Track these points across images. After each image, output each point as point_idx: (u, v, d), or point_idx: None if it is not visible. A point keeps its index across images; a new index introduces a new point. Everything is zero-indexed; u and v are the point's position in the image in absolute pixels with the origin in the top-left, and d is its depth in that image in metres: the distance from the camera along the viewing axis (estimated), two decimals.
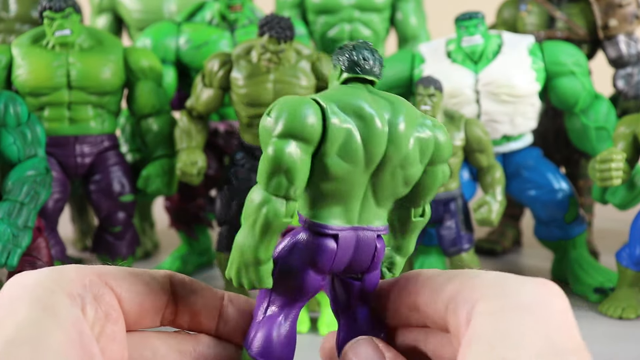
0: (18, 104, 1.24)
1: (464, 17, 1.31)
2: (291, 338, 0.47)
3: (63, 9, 1.26)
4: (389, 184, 0.44)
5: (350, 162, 0.42)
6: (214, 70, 1.28)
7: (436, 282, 0.44)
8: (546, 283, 0.39)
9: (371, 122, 0.42)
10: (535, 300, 0.38)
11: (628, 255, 1.23)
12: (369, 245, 0.45)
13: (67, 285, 0.42)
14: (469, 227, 1.28)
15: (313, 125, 0.41)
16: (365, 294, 0.48)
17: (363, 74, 0.43)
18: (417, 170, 0.44)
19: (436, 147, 0.44)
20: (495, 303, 0.38)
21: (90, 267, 0.44)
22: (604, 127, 1.35)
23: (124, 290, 0.45)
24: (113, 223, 1.35)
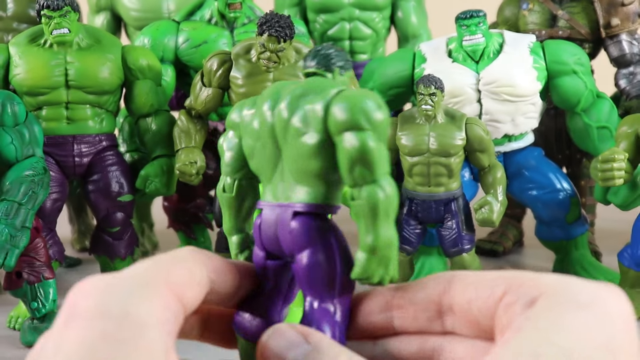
0: (16, 104, 1.23)
1: (465, 16, 1.30)
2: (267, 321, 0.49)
3: (61, 8, 1.25)
4: (292, 158, 0.46)
5: (252, 140, 0.49)
6: (213, 70, 1.27)
7: (482, 281, 0.42)
8: (610, 286, 0.39)
9: (260, 105, 0.49)
10: (598, 300, 0.37)
11: (630, 256, 1.23)
12: (284, 222, 0.46)
13: (154, 311, 0.39)
14: (470, 227, 1.27)
15: (232, 119, 0.52)
16: (299, 280, 0.47)
17: (304, 69, 0.51)
18: (307, 140, 0.45)
19: (329, 116, 0.44)
20: (556, 299, 0.37)
21: (164, 280, 0.41)
22: (606, 127, 1.34)
23: (186, 296, 0.43)
24: (111, 223, 1.35)
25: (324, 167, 0.45)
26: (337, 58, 0.50)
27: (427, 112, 1.20)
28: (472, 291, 0.42)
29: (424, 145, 1.22)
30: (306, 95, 0.46)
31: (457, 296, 0.42)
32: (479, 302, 0.41)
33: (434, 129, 1.22)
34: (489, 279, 0.41)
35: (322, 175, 0.46)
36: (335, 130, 0.44)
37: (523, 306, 0.38)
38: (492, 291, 0.40)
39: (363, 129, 0.43)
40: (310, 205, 0.46)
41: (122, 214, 1.35)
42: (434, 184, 1.23)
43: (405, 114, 1.27)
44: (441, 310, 0.43)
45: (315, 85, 0.47)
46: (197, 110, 1.31)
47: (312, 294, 0.46)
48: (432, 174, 1.23)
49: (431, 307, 0.44)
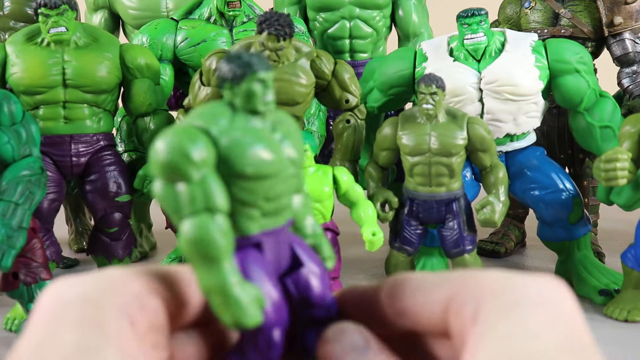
0: (12, 103, 1.21)
1: (466, 14, 1.29)
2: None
3: (58, 6, 1.24)
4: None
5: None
6: (212, 68, 1.25)
7: (429, 284, 0.41)
8: (552, 279, 0.38)
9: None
10: (545, 296, 0.37)
11: (633, 257, 1.21)
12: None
13: (115, 298, 0.38)
14: (471, 227, 1.26)
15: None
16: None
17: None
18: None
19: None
20: (504, 299, 0.37)
21: (135, 273, 0.39)
22: (609, 126, 1.33)
23: (170, 296, 0.40)
24: (109, 224, 1.33)
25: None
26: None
27: (428, 112, 1.19)
28: (419, 297, 0.41)
29: (425, 145, 1.20)
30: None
31: (408, 302, 0.41)
32: (427, 307, 0.40)
33: (435, 128, 1.20)
34: (432, 283, 0.40)
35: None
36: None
37: (471, 313, 0.37)
38: (437, 296, 0.40)
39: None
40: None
41: (120, 215, 1.34)
42: (435, 184, 1.22)
43: (406, 113, 1.26)
44: (397, 314, 0.42)
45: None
46: None
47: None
48: (433, 174, 1.21)
49: (390, 312, 0.43)
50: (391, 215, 1.27)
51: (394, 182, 1.39)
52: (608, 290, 1.30)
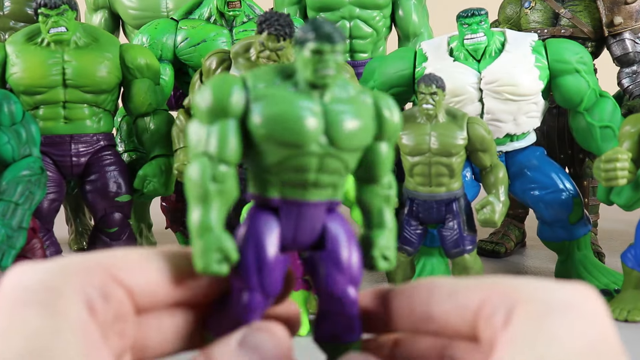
0: (12, 103, 1.21)
1: (466, 14, 1.29)
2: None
3: (58, 6, 1.24)
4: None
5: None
6: (212, 68, 1.25)
7: (460, 290, 0.42)
8: (583, 287, 0.39)
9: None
10: (575, 303, 0.38)
11: (633, 257, 1.21)
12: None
13: (74, 285, 0.38)
14: (471, 228, 1.25)
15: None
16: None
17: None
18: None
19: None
20: (535, 306, 0.38)
21: (96, 260, 0.40)
22: (609, 126, 1.33)
23: (135, 283, 0.41)
24: (109, 224, 1.33)
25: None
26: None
27: (428, 112, 1.19)
28: (448, 303, 0.41)
29: (425, 145, 1.20)
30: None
31: (436, 307, 0.42)
32: (456, 314, 0.41)
33: (435, 128, 1.20)
34: (463, 290, 0.41)
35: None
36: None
37: (502, 318, 0.38)
38: (468, 303, 0.41)
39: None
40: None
41: (120, 215, 1.34)
42: (435, 184, 1.22)
43: (406, 113, 1.26)
44: (422, 318, 0.43)
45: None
46: None
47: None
48: (433, 174, 1.21)
49: (413, 316, 0.44)
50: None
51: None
52: (608, 290, 1.30)
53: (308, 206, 0.45)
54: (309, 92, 0.43)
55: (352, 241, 0.46)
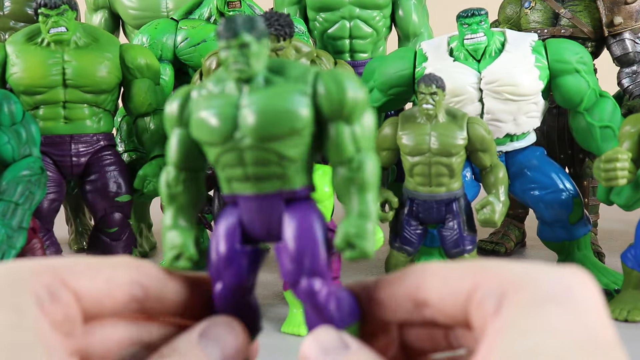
0: (12, 103, 1.21)
1: (466, 14, 1.29)
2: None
3: (58, 6, 1.24)
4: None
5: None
6: (212, 68, 1.25)
7: (451, 275, 0.41)
8: (577, 271, 0.38)
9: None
10: (568, 290, 0.37)
11: (633, 257, 1.21)
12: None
13: (25, 284, 0.40)
14: (471, 227, 1.25)
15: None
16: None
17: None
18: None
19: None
20: (527, 293, 0.37)
21: (46, 264, 0.42)
22: (609, 126, 1.33)
23: (83, 287, 0.42)
24: (109, 224, 1.33)
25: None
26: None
27: (428, 112, 1.19)
28: (442, 287, 0.41)
29: (425, 145, 1.20)
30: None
31: (430, 291, 0.42)
32: (450, 298, 0.40)
33: (435, 128, 1.20)
34: (457, 274, 0.40)
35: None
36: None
37: (493, 306, 0.37)
38: (461, 286, 0.40)
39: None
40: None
41: (120, 215, 1.34)
42: (435, 184, 1.22)
43: (406, 114, 1.26)
44: (418, 304, 0.43)
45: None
46: None
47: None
48: (433, 174, 1.21)
49: (408, 302, 0.44)
50: (391, 215, 1.27)
51: (394, 182, 1.39)
52: (608, 290, 1.30)
53: (257, 199, 0.45)
54: (236, 88, 0.44)
55: (313, 229, 0.45)
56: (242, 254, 0.46)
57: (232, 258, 0.46)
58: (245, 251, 0.46)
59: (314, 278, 0.44)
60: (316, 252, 0.45)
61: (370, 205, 0.46)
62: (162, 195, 0.46)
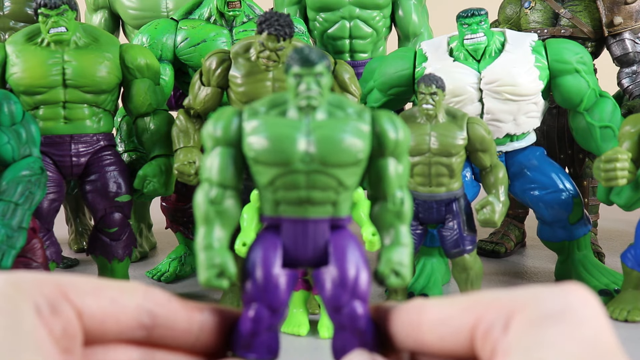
0: (12, 103, 1.21)
1: (466, 14, 1.29)
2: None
3: (58, 6, 1.24)
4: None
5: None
6: (212, 69, 1.25)
7: (450, 313, 0.42)
8: (578, 289, 0.39)
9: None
10: (571, 307, 0.39)
11: (633, 257, 1.21)
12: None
13: (25, 293, 0.40)
14: (471, 228, 1.25)
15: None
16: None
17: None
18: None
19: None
20: (530, 312, 0.39)
21: (50, 277, 0.42)
22: (608, 126, 1.33)
23: (86, 305, 0.42)
24: (109, 224, 1.33)
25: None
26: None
27: (428, 112, 1.19)
28: (441, 327, 0.42)
29: (425, 145, 1.20)
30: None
31: (428, 333, 0.42)
32: (451, 338, 0.41)
33: (435, 128, 1.20)
34: (457, 311, 0.42)
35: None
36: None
37: (500, 331, 0.39)
38: (462, 324, 0.41)
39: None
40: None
41: (120, 215, 1.34)
42: (435, 184, 1.22)
43: (406, 114, 1.26)
44: (417, 344, 0.44)
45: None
46: (196, 110, 1.30)
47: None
48: (433, 174, 1.21)
49: (409, 341, 0.45)
50: None
51: None
52: (608, 291, 1.30)
53: (307, 223, 0.47)
54: (298, 115, 0.47)
55: (357, 257, 0.47)
56: (283, 277, 0.47)
57: (273, 281, 0.47)
58: (286, 275, 0.47)
59: (358, 303, 0.47)
60: (362, 280, 0.47)
61: (407, 236, 0.51)
62: (199, 213, 0.46)
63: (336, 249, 0.48)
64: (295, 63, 0.46)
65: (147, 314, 0.44)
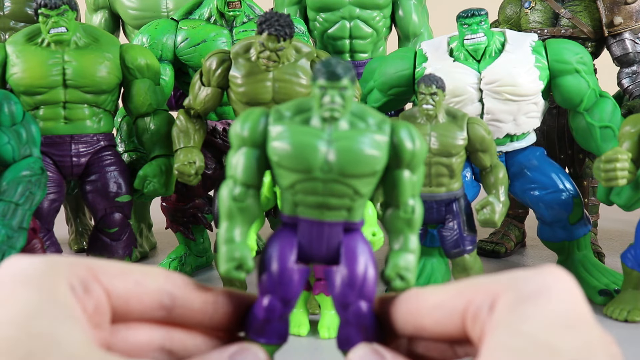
0: (13, 103, 1.21)
1: (466, 14, 1.29)
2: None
3: (58, 7, 1.24)
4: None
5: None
6: (212, 69, 1.25)
7: (443, 299, 0.48)
8: (554, 271, 0.46)
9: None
10: (546, 287, 0.45)
11: (633, 257, 1.21)
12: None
13: (60, 273, 0.45)
14: (471, 228, 1.26)
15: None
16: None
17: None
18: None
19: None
20: (512, 293, 0.45)
21: (82, 261, 0.46)
22: (609, 126, 1.33)
23: (113, 286, 0.47)
24: (109, 224, 1.33)
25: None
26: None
27: (428, 112, 1.19)
28: (435, 312, 0.48)
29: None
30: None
31: (425, 317, 0.48)
32: (445, 320, 0.47)
33: (435, 128, 1.20)
34: (449, 296, 0.47)
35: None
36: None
37: (487, 312, 0.45)
38: (454, 307, 0.47)
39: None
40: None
41: (120, 215, 1.34)
42: (435, 184, 1.22)
43: (406, 114, 1.26)
44: (416, 329, 0.49)
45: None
46: (196, 110, 1.30)
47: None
48: (433, 174, 1.21)
49: (409, 326, 0.50)
50: None
51: None
52: (608, 291, 1.30)
53: (322, 225, 0.51)
54: (321, 124, 0.50)
55: (367, 259, 0.51)
56: (296, 272, 0.51)
57: (287, 275, 0.51)
58: (300, 269, 0.51)
59: (364, 302, 0.51)
60: (369, 279, 0.51)
61: (416, 242, 0.54)
62: (223, 209, 0.50)
63: (347, 251, 0.52)
64: (321, 76, 0.49)
65: (167, 295, 0.49)
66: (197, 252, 1.51)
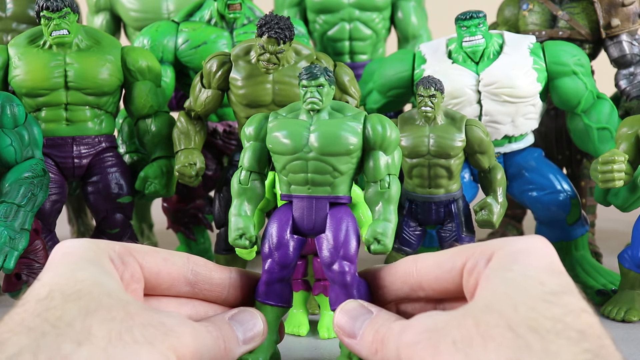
0: (15, 105, 1.22)
1: (464, 17, 1.30)
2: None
3: (60, 9, 1.25)
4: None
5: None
6: (213, 71, 1.26)
7: (443, 258, 0.59)
8: (538, 237, 0.62)
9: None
10: (530, 247, 0.58)
11: (630, 257, 1.22)
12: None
13: (101, 249, 0.58)
14: (470, 229, 1.26)
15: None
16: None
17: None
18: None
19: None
20: (503, 253, 0.57)
21: (117, 242, 0.60)
22: (606, 128, 1.34)
23: (145, 260, 0.59)
24: (111, 225, 1.34)
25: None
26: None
27: (427, 114, 1.20)
28: (436, 269, 0.60)
29: (423, 147, 1.21)
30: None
31: (424, 275, 0.61)
32: (444, 276, 0.59)
33: (434, 130, 1.21)
34: (448, 256, 0.60)
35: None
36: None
37: (483, 265, 0.57)
38: (454, 264, 0.59)
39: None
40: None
41: (121, 216, 1.35)
42: (433, 186, 1.23)
43: (405, 116, 1.27)
44: (413, 288, 0.62)
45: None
46: (197, 112, 1.30)
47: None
48: (432, 176, 1.22)
49: (405, 287, 0.63)
50: None
51: None
52: (605, 291, 1.31)
53: (311, 199, 0.66)
54: (307, 117, 0.67)
55: (347, 226, 0.65)
56: (291, 241, 0.66)
57: (283, 243, 0.66)
58: (294, 239, 0.66)
59: (346, 262, 0.64)
60: (350, 243, 0.65)
61: (393, 213, 0.68)
62: (233, 190, 0.68)
63: (332, 220, 0.66)
64: (303, 77, 0.66)
65: (191, 271, 0.62)
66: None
